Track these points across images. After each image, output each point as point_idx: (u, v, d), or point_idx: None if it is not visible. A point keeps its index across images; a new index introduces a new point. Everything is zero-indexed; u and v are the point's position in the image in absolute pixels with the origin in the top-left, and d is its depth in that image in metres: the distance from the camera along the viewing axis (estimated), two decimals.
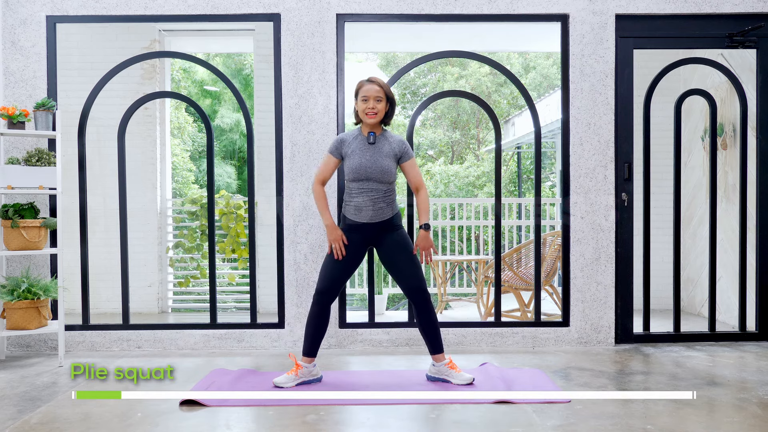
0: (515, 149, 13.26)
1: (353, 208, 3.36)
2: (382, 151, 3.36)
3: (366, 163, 3.32)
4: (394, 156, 3.39)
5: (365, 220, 3.35)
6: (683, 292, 5.60)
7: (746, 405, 3.04)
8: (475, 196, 14.06)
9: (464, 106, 15.86)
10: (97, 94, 4.31)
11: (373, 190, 3.33)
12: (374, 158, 3.33)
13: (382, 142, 3.38)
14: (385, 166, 3.33)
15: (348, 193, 3.40)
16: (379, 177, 3.32)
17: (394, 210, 3.41)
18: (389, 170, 3.34)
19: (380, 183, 3.33)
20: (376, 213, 3.34)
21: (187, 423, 2.84)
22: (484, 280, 5.57)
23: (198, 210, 5.88)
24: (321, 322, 3.38)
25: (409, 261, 3.39)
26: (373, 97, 3.33)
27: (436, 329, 3.40)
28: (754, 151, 4.44)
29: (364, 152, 3.34)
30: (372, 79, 3.39)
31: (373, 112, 3.33)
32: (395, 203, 3.42)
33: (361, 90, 3.37)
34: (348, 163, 3.36)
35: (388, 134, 3.44)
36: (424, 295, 3.36)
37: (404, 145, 3.44)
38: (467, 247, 9.65)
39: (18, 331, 3.87)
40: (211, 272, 4.37)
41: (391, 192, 3.38)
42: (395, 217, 3.41)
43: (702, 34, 4.35)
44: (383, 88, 3.36)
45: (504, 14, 4.28)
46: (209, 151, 4.35)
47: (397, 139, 3.43)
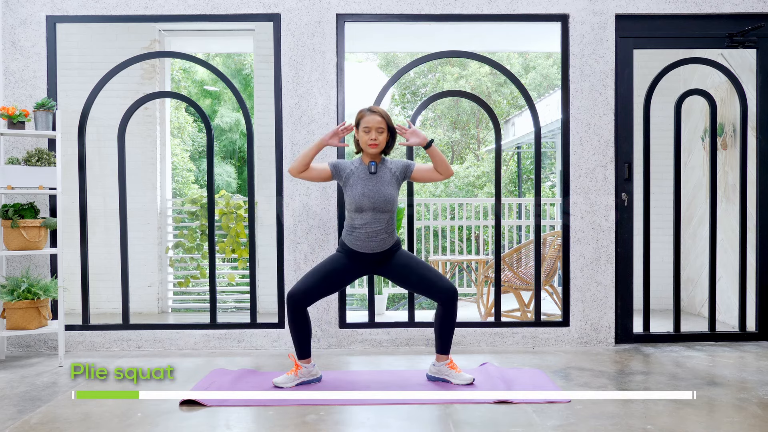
0: (515, 149, 13.26)
1: (354, 238, 3.34)
2: (383, 179, 3.35)
3: (368, 192, 3.30)
4: (396, 181, 3.38)
5: (367, 251, 3.35)
6: (683, 292, 5.60)
7: (746, 405, 3.04)
8: (475, 196, 14.06)
9: (464, 106, 15.86)
10: (97, 94, 4.32)
11: (375, 220, 3.31)
12: (376, 187, 3.32)
13: (383, 170, 3.37)
14: (388, 194, 3.32)
15: (349, 223, 3.37)
16: (382, 206, 3.31)
17: (395, 238, 3.40)
18: (392, 199, 3.33)
19: (383, 213, 3.32)
20: (378, 244, 3.33)
21: (187, 423, 2.84)
22: (484, 280, 5.57)
23: (198, 210, 5.88)
24: (300, 324, 3.34)
25: (426, 272, 3.38)
26: (375, 128, 3.32)
27: (453, 330, 3.41)
28: (754, 151, 4.44)
29: (366, 182, 3.33)
30: (373, 109, 3.37)
31: (374, 143, 3.32)
32: (395, 232, 3.41)
33: (363, 120, 3.35)
34: (349, 192, 3.34)
35: (388, 161, 3.42)
36: (454, 295, 3.36)
37: (405, 163, 3.42)
38: (467, 247, 9.65)
39: (18, 331, 3.87)
40: (211, 272, 4.37)
41: (392, 220, 3.38)
42: (395, 245, 3.41)
43: (702, 34, 4.36)
44: (385, 119, 3.34)
45: (504, 14, 4.28)
46: (209, 151, 4.36)
47: (398, 163, 3.42)
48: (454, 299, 3.35)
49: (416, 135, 3.39)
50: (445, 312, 3.36)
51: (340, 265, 3.38)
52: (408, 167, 3.42)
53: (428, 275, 3.38)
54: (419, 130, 3.41)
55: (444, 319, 3.37)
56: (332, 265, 3.38)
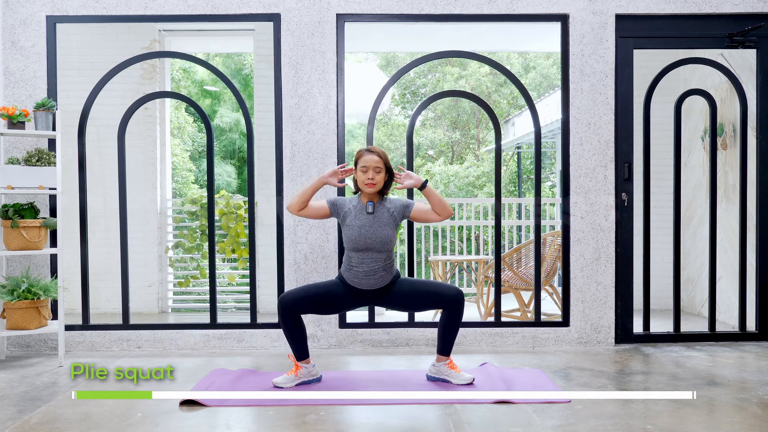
0: (515, 149, 13.26)
1: (353, 275, 3.36)
2: (381, 219, 3.35)
3: (365, 233, 3.31)
4: (394, 221, 3.38)
5: (365, 288, 3.36)
6: (683, 292, 5.60)
7: (746, 405, 3.04)
8: (475, 196, 14.06)
9: (464, 106, 15.86)
10: (97, 94, 4.32)
11: (373, 259, 3.32)
12: (373, 228, 3.32)
13: (381, 210, 3.38)
14: (385, 235, 3.32)
15: (347, 261, 3.39)
16: (379, 247, 3.32)
17: (393, 273, 3.41)
18: (389, 239, 3.34)
19: (380, 252, 3.33)
20: (376, 281, 3.35)
21: (187, 423, 2.84)
22: (484, 280, 5.57)
23: (198, 210, 5.88)
24: (292, 328, 3.34)
25: (426, 288, 3.41)
26: (373, 168, 3.33)
27: (457, 332, 3.41)
28: (754, 151, 4.44)
29: (363, 221, 3.34)
30: (371, 149, 3.38)
31: (372, 183, 3.33)
32: (393, 268, 3.42)
33: (361, 160, 3.36)
34: (347, 232, 3.35)
35: (386, 201, 3.43)
36: (462, 297, 3.37)
37: (404, 204, 3.43)
38: (467, 247, 9.65)
39: (18, 331, 3.87)
40: (211, 272, 4.37)
41: (390, 258, 3.38)
42: (394, 278, 3.42)
43: (702, 34, 4.36)
44: (383, 159, 3.35)
45: (504, 14, 4.28)
46: (209, 151, 4.36)
47: (396, 203, 3.42)
48: (461, 301, 3.37)
49: (410, 177, 3.43)
50: (451, 314, 3.37)
51: (339, 292, 3.39)
52: (407, 207, 3.42)
53: (430, 289, 3.40)
54: (413, 173, 3.45)
55: (450, 322, 3.38)
56: (331, 289, 3.39)
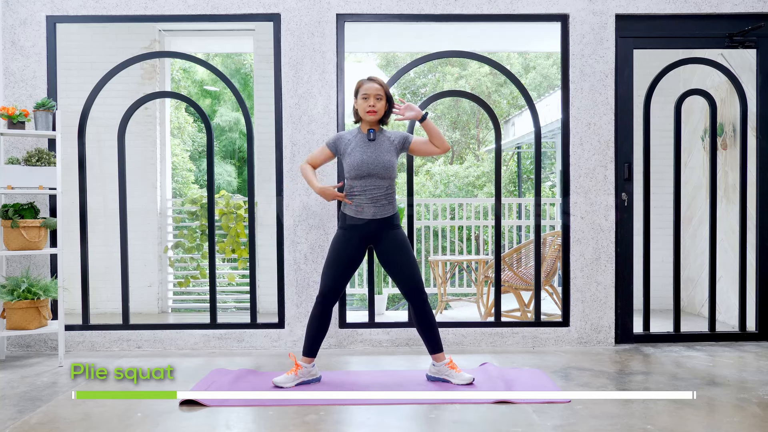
0: (515, 149, 13.26)
1: (354, 205, 3.38)
2: (382, 146, 3.40)
3: (367, 159, 3.35)
4: (395, 149, 3.43)
5: (367, 217, 3.37)
6: (683, 292, 5.60)
7: (746, 405, 3.04)
8: (475, 196, 14.06)
9: (464, 106, 15.86)
10: (97, 94, 4.32)
11: (375, 187, 3.36)
12: (375, 154, 3.36)
13: (381, 138, 3.43)
14: (387, 161, 3.36)
15: (349, 192, 3.42)
16: (381, 173, 3.35)
17: (394, 208, 3.44)
18: (391, 165, 3.37)
19: (382, 179, 3.36)
20: (378, 210, 3.37)
21: (187, 423, 2.84)
22: (484, 280, 5.57)
23: (198, 210, 5.88)
24: (323, 323, 3.40)
25: (407, 262, 3.40)
26: (374, 95, 3.38)
27: (434, 329, 3.41)
28: (754, 151, 4.44)
29: (364, 149, 3.38)
30: (372, 78, 3.44)
31: (373, 110, 3.37)
32: (395, 202, 3.45)
33: (362, 88, 3.41)
34: (348, 160, 3.39)
35: (386, 131, 3.48)
36: (421, 296, 3.38)
37: (404, 135, 3.49)
38: (467, 247, 9.66)
39: (18, 331, 3.87)
40: (211, 272, 4.37)
41: (392, 189, 3.42)
42: (395, 216, 3.44)
43: (702, 34, 4.36)
44: (383, 87, 3.41)
45: (504, 14, 4.28)
46: (209, 152, 4.36)
47: (396, 133, 3.48)
48: (420, 296, 3.37)
49: (411, 109, 3.46)
50: (416, 311, 3.39)
51: (348, 246, 3.39)
52: (406, 138, 3.48)
53: (408, 264, 3.40)
54: (414, 105, 3.48)
55: (418, 319, 3.40)
56: (342, 250, 3.40)
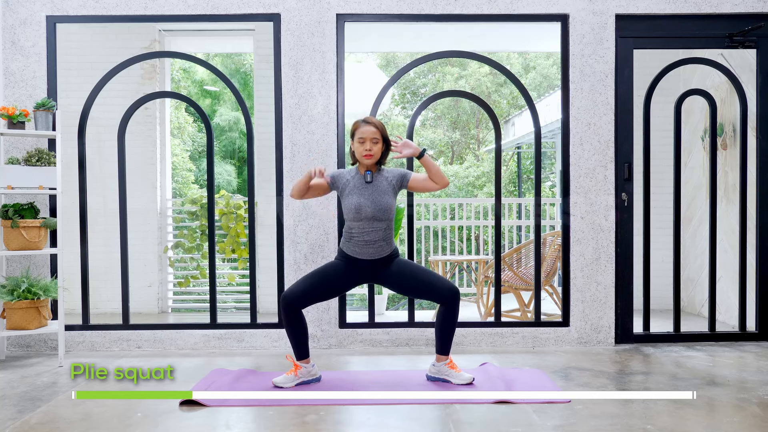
0: (515, 149, 13.26)
1: (353, 245, 3.36)
2: (380, 188, 3.36)
3: (365, 202, 3.32)
4: (393, 189, 3.39)
5: (365, 258, 3.36)
6: (683, 292, 5.60)
7: (746, 405, 3.04)
8: (475, 196, 14.06)
9: (464, 106, 15.85)
10: (97, 94, 4.32)
11: (373, 229, 3.33)
12: (373, 197, 3.33)
13: (379, 179, 3.39)
14: (384, 203, 3.33)
15: (347, 232, 3.39)
16: (379, 215, 3.32)
17: (392, 246, 3.42)
18: (388, 207, 3.34)
19: (380, 221, 3.33)
20: (375, 251, 3.35)
21: (187, 423, 2.84)
22: (484, 280, 5.57)
23: (198, 210, 5.88)
24: (296, 327, 3.36)
25: (425, 276, 3.40)
26: (370, 139, 3.34)
27: (454, 330, 3.41)
28: (754, 151, 4.44)
29: (362, 191, 3.34)
30: (368, 120, 3.38)
31: (369, 154, 3.33)
32: (393, 239, 3.43)
33: (358, 131, 3.36)
34: (346, 202, 3.36)
35: (384, 171, 3.44)
36: (458, 295, 3.37)
37: (402, 173, 3.43)
38: (467, 247, 9.66)
39: (18, 331, 3.87)
40: (211, 272, 4.37)
41: (390, 229, 3.39)
42: (393, 252, 3.42)
43: (702, 34, 4.36)
44: (379, 130, 3.36)
45: (504, 14, 4.28)
46: (209, 152, 4.36)
47: (394, 172, 3.43)
48: (457, 299, 3.36)
49: (408, 146, 3.42)
50: (447, 313, 3.37)
51: (338, 272, 3.39)
52: (404, 176, 3.43)
53: (428, 278, 3.40)
54: (411, 142, 3.45)
55: (446, 320, 3.38)
56: (330, 272, 3.40)
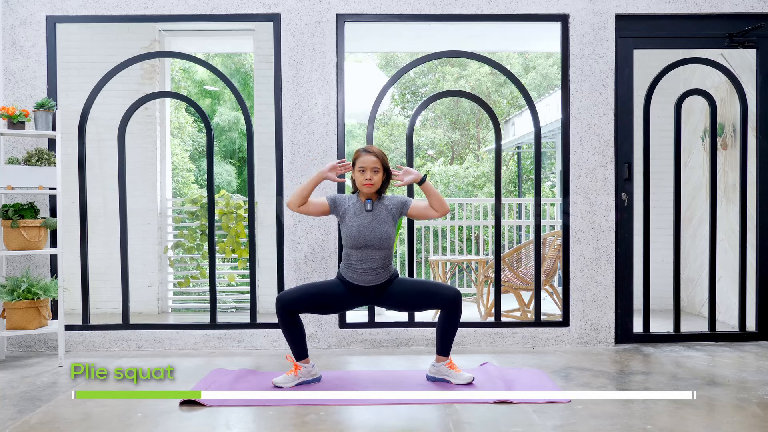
0: (515, 149, 13.26)
1: (351, 272, 3.37)
2: (380, 216, 3.36)
3: (364, 230, 3.32)
4: (392, 218, 3.39)
5: (363, 284, 3.37)
6: (683, 292, 5.60)
7: (746, 405, 3.04)
8: (475, 196, 14.06)
9: (464, 106, 15.85)
10: (97, 94, 4.32)
11: (372, 258, 3.33)
12: (372, 225, 3.33)
13: (379, 208, 3.39)
14: (384, 232, 3.34)
15: (346, 258, 3.40)
16: (378, 244, 3.33)
17: (391, 272, 3.42)
18: (388, 236, 3.35)
19: (379, 250, 3.34)
20: (374, 278, 3.36)
21: (187, 423, 2.84)
22: (484, 280, 5.57)
23: (198, 210, 5.88)
24: (290, 327, 3.36)
25: (425, 288, 3.41)
26: (370, 168, 3.34)
27: (455, 333, 3.42)
28: (754, 151, 4.44)
29: (362, 219, 3.35)
30: (369, 149, 3.39)
31: (370, 183, 3.34)
32: (392, 265, 3.43)
33: (359, 160, 3.37)
34: (345, 230, 3.37)
35: (385, 198, 3.44)
36: (460, 298, 3.37)
37: (402, 200, 3.44)
38: (467, 247, 9.66)
39: (18, 331, 3.87)
40: (211, 272, 4.37)
41: (389, 256, 3.40)
42: (392, 276, 3.43)
43: (702, 34, 4.36)
44: (380, 159, 3.36)
45: (504, 14, 4.28)
46: (209, 152, 4.36)
47: (394, 200, 3.43)
48: (459, 302, 3.36)
49: (409, 173, 3.44)
50: (449, 315, 3.37)
51: (336, 291, 3.40)
52: (405, 204, 3.43)
53: (429, 288, 3.41)
54: (412, 169, 3.47)
55: (448, 322, 3.38)
56: (329, 289, 3.41)
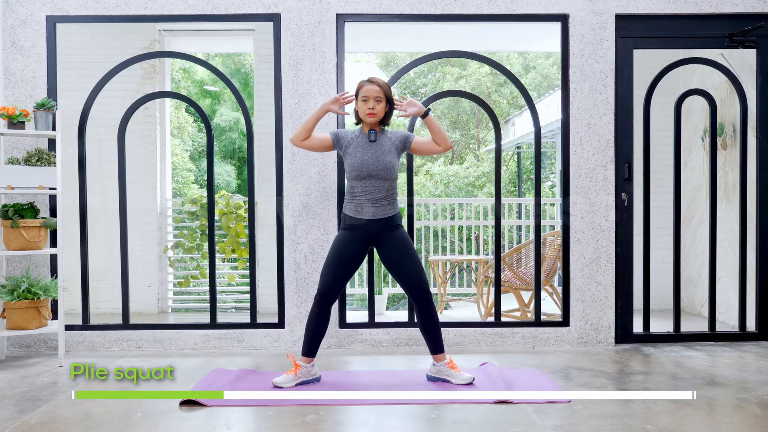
0: (515, 149, 13.26)
1: (355, 206, 3.38)
2: (383, 147, 3.39)
3: (368, 160, 3.34)
4: (396, 150, 3.42)
5: (367, 217, 3.36)
6: (683, 292, 5.60)
7: (746, 405, 3.04)
8: (475, 196, 14.06)
9: (464, 106, 15.85)
10: (97, 94, 4.32)
11: (375, 188, 3.35)
12: (376, 155, 3.36)
13: (382, 139, 3.42)
14: (388, 162, 3.36)
15: (350, 192, 3.42)
16: (382, 174, 3.35)
17: (396, 209, 3.43)
18: (392, 166, 3.37)
19: (383, 180, 3.36)
20: (378, 210, 3.36)
21: (187, 423, 2.84)
22: (484, 280, 5.57)
23: (198, 210, 5.88)
24: (322, 322, 3.39)
25: (411, 261, 3.40)
26: (373, 98, 3.37)
27: (438, 329, 3.41)
28: (754, 151, 4.44)
29: (365, 150, 3.37)
30: (372, 79, 3.42)
31: (372, 112, 3.37)
32: (396, 202, 3.44)
33: (362, 90, 3.41)
34: (349, 160, 3.39)
35: (387, 131, 3.48)
36: (426, 296, 3.38)
37: (405, 134, 3.48)
38: (467, 247, 9.66)
39: (18, 331, 3.87)
40: (211, 272, 4.37)
41: (393, 190, 3.41)
42: (396, 216, 3.42)
43: (702, 34, 4.36)
44: (383, 89, 3.40)
45: (504, 14, 4.28)
46: (209, 151, 4.36)
47: (397, 133, 3.47)
48: (428, 298, 3.37)
49: (413, 105, 3.48)
50: (422, 312, 3.39)
51: (348, 245, 3.39)
52: (407, 138, 3.47)
53: (415, 269, 3.39)
54: (416, 101, 3.50)
55: (424, 320, 3.40)
56: (343, 250, 3.39)
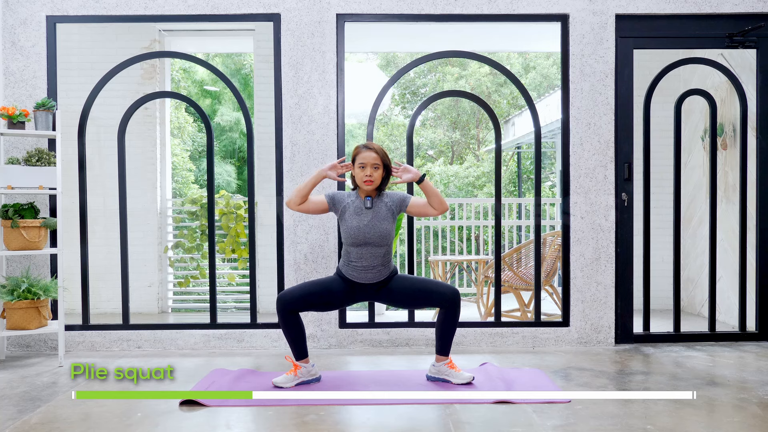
0: (515, 149, 13.26)
1: (351, 269, 3.36)
2: (379, 214, 3.35)
3: (364, 228, 3.32)
4: (392, 215, 3.38)
5: (363, 282, 3.37)
6: (683, 292, 5.60)
7: (746, 405, 3.04)
8: (475, 196, 14.06)
9: (464, 106, 15.85)
10: (97, 94, 4.32)
11: (371, 255, 3.33)
12: (372, 222, 3.33)
13: (379, 205, 3.38)
14: (383, 229, 3.33)
15: (345, 255, 3.40)
16: (378, 241, 3.32)
17: (391, 268, 3.42)
18: (387, 233, 3.34)
19: (379, 247, 3.33)
20: (374, 275, 3.36)
21: (187, 423, 2.84)
22: (484, 280, 5.57)
23: (198, 210, 5.88)
24: (291, 326, 3.36)
25: (425, 285, 3.41)
26: (371, 165, 3.33)
27: (454, 332, 3.42)
28: (754, 151, 4.44)
29: (361, 216, 3.34)
30: (369, 145, 3.38)
31: (370, 180, 3.33)
32: (391, 261, 3.43)
33: (359, 157, 3.36)
34: (345, 226, 3.36)
35: (384, 195, 3.43)
36: (458, 297, 3.38)
37: (401, 197, 3.43)
38: (467, 247, 9.66)
39: (18, 331, 3.87)
40: (211, 272, 4.37)
41: (389, 253, 3.39)
42: (392, 273, 3.43)
43: (702, 34, 4.36)
44: (380, 156, 3.35)
45: (504, 14, 4.28)
46: (209, 152, 4.36)
47: (394, 196, 3.42)
48: (457, 301, 3.37)
49: (408, 171, 3.43)
50: (448, 314, 3.37)
51: (336, 288, 3.40)
52: (404, 201, 3.42)
53: (428, 286, 3.40)
54: (411, 167, 3.45)
55: (447, 322, 3.38)
56: (329, 286, 3.40)
